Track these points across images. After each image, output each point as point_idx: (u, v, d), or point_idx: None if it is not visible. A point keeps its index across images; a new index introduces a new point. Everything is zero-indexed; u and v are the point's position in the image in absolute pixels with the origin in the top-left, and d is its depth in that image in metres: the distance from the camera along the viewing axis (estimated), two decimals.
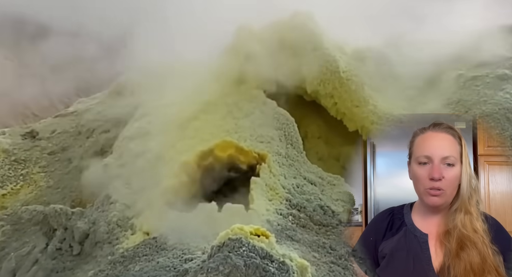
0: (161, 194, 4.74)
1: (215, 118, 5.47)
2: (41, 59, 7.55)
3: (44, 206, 5.04)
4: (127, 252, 4.27)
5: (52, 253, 4.62)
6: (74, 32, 7.39)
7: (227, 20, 5.91)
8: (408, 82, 5.84)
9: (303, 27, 5.82)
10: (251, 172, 5.09)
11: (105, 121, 6.32)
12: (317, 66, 5.56)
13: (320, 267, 3.89)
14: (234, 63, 5.78)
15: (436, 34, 6.05)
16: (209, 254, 3.52)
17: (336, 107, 5.60)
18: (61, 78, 7.43)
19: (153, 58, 6.46)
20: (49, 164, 5.91)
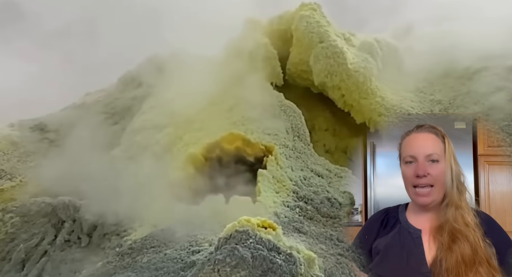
0: (168, 186, 4.75)
1: (222, 111, 5.47)
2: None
3: (52, 197, 5.07)
4: (135, 244, 4.29)
5: (60, 245, 4.65)
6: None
7: (234, 13, 5.89)
8: (417, 74, 5.81)
9: (310, 19, 5.79)
10: (258, 164, 5.09)
11: (113, 114, 6.33)
12: (324, 58, 5.53)
13: (327, 259, 3.89)
14: (241, 56, 5.76)
15: (446, 26, 6.01)
16: (216, 246, 3.52)
17: (344, 99, 5.58)
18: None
19: (160, 51, 6.47)
20: (57, 156, 5.93)
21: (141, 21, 6.54)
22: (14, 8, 7.76)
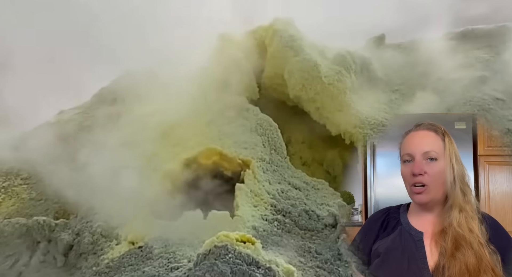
0: (145, 203, 4.72)
1: (198, 126, 5.47)
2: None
3: (27, 218, 4.98)
4: (113, 263, 4.24)
5: (36, 266, 4.56)
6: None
7: (208, 28, 5.92)
8: (390, 86, 5.91)
9: (283, 33, 5.85)
10: (236, 178, 5.09)
11: (88, 131, 6.26)
12: (298, 72, 5.59)
13: (306, 272, 3.90)
14: (216, 71, 5.79)
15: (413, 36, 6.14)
16: (195, 262, 3.51)
17: (319, 112, 5.63)
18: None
19: (135, 68, 6.44)
20: (31, 175, 5.83)
21: (115, 38, 6.52)
22: None
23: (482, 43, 6.37)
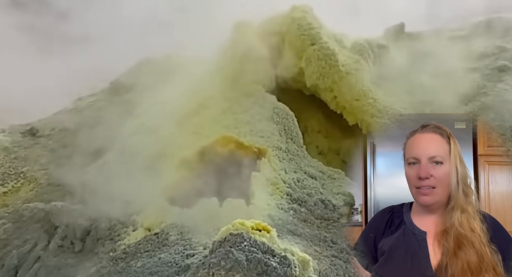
0: (162, 190, 4.74)
1: (215, 114, 5.47)
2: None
3: (45, 203, 5.04)
4: (129, 248, 4.28)
5: (54, 250, 4.62)
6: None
7: (225, 16, 5.90)
8: (409, 76, 5.83)
9: (301, 21, 5.80)
10: (252, 166, 5.09)
11: (105, 118, 6.31)
12: (316, 60, 5.55)
13: (322, 261, 3.89)
14: (233, 59, 5.77)
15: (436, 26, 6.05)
16: (210, 250, 3.52)
17: (336, 101, 5.60)
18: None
19: (152, 55, 6.45)
20: (49, 161, 5.90)
21: (133, 26, 6.54)
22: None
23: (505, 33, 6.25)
